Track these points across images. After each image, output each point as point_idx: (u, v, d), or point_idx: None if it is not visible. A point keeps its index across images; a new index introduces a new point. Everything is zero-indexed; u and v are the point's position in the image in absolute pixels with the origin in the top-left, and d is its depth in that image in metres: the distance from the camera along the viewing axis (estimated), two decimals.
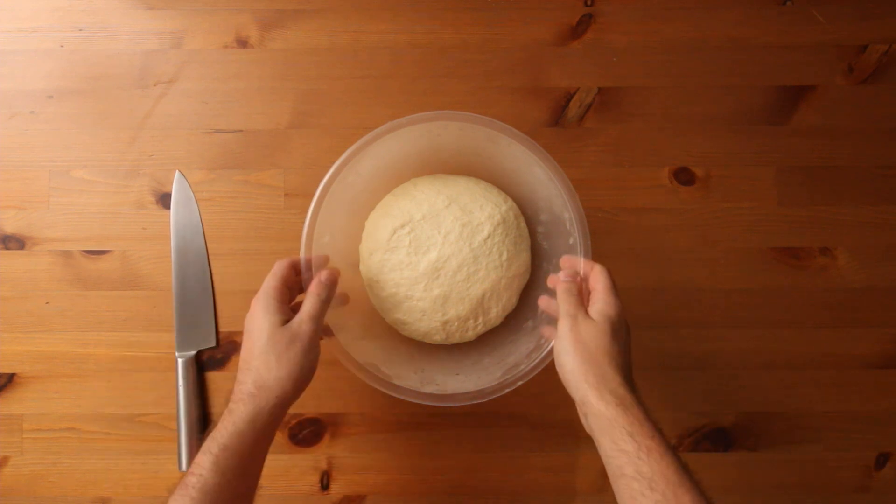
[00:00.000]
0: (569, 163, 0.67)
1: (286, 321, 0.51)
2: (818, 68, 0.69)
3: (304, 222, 0.54)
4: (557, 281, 0.54)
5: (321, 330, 0.53)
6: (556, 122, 0.68)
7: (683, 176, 0.68)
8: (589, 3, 0.69)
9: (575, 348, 0.49)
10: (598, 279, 0.53)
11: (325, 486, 0.66)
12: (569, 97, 0.68)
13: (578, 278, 0.54)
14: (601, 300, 0.52)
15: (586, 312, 0.52)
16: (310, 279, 0.54)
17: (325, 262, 0.56)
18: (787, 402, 0.66)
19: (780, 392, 0.66)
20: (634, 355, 0.65)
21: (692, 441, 0.66)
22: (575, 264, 0.55)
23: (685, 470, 0.44)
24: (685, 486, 0.42)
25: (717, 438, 0.66)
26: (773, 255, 0.67)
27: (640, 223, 0.67)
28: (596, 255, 0.66)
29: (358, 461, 0.66)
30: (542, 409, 0.66)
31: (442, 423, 0.66)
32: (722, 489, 0.66)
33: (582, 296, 0.53)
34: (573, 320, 0.50)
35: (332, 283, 0.54)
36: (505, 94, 0.68)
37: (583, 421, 0.51)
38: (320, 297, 0.53)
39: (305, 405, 0.66)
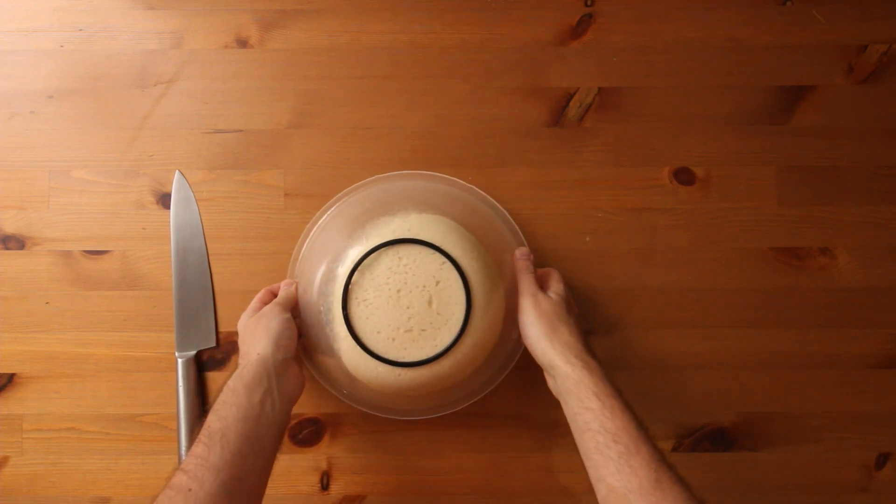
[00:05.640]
0: (569, 163, 0.68)
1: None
2: (818, 68, 0.69)
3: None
4: (515, 259, 0.61)
5: (287, 310, 0.59)
6: (556, 122, 0.68)
7: (683, 176, 0.68)
8: (589, 3, 0.69)
9: (540, 320, 0.56)
10: (550, 274, 0.61)
11: (325, 486, 0.66)
12: (569, 97, 0.68)
13: (532, 256, 0.61)
14: (554, 285, 0.60)
15: (544, 290, 0.59)
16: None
17: (293, 280, 0.63)
18: (787, 402, 0.66)
19: (780, 392, 0.66)
20: (634, 355, 0.65)
21: (692, 441, 0.66)
22: (528, 253, 0.62)
23: (642, 426, 0.49)
24: (643, 439, 0.48)
25: (717, 438, 0.66)
26: (773, 255, 0.67)
27: (640, 223, 0.67)
28: (596, 254, 0.67)
29: (358, 461, 0.66)
30: (541, 409, 0.66)
31: (442, 424, 0.66)
32: (722, 489, 0.66)
33: (537, 275, 0.60)
34: (534, 297, 0.57)
35: (293, 290, 0.61)
36: (505, 94, 0.68)
37: (550, 384, 0.56)
38: (281, 294, 0.61)
39: (305, 405, 0.66)
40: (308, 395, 0.65)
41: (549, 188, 0.67)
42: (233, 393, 0.51)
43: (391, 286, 0.56)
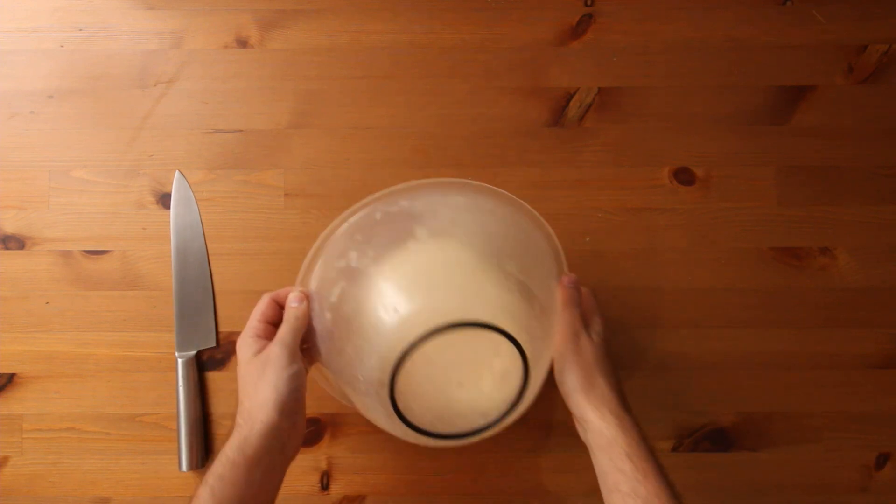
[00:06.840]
0: (569, 163, 0.68)
1: (260, 352, 0.52)
2: (818, 68, 0.69)
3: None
4: (562, 286, 0.54)
5: (296, 353, 0.52)
6: (556, 122, 0.68)
7: (683, 176, 0.68)
8: (589, 3, 0.69)
9: (579, 366, 0.51)
10: (591, 306, 0.55)
11: (325, 486, 0.66)
12: (569, 97, 0.68)
13: (579, 285, 0.55)
14: (595, 323, 0.54)
15: (587, 330, 0.53)
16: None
17: (303, 295, 0.54)
18: (787, 402, 0.66)
19: (780, 392, 0.66)
20: (634, 355, 0.65)
21: (692, 441, 0.66)
22: (575, 281, 0.55)
23: (675, 492, 0.47)
24: None
25: (717, 438, 0.66)
26: (773, 255, 0.67)
27: (640, 223, 0.67)
28: (596, 255, 0.67)
29: (358, 461, 0.66)
30: (541, 409, 0.66)
31: None
32: (722, 489, 0.66)
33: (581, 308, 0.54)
34: (575, 341, 0.52)
35: (303, 312, 0.53)
36: (505, 94, 0.68)
37: (579, 431, 0.53)
38: (289, 323, 0.52)
39: (306, 405, 0.66)
40: (308, 395, 0.65)
41: (549, 188, 0.67)
42: (232, 468, 0.46)
43: (441, 361, 0.49)
